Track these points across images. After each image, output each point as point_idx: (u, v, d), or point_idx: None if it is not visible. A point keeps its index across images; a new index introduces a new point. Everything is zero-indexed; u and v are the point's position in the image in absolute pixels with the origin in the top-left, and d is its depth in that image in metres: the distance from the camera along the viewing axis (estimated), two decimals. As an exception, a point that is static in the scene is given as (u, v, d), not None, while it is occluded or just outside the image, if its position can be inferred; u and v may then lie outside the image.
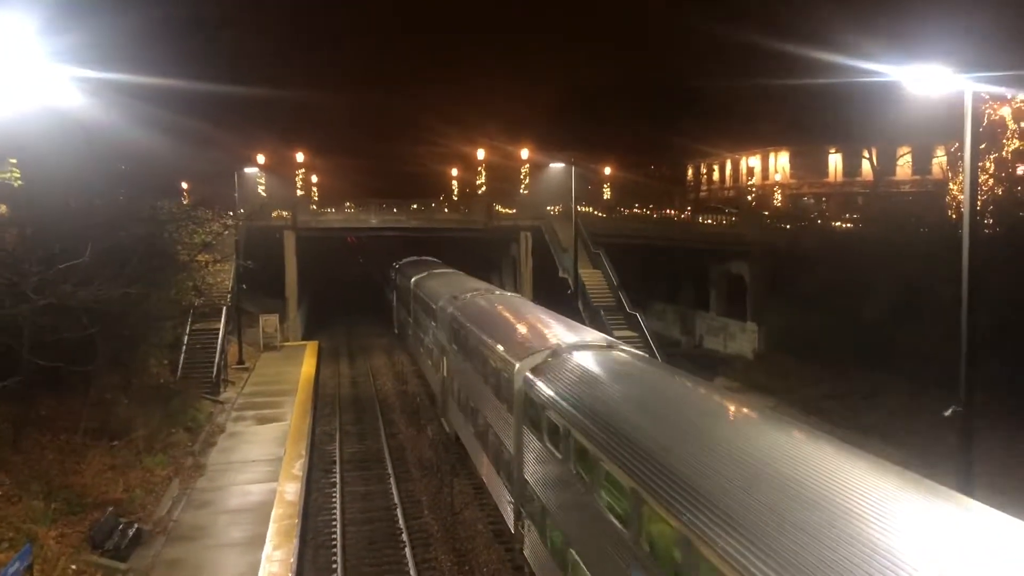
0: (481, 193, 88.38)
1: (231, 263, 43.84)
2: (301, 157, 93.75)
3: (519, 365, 19.42)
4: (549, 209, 59.81)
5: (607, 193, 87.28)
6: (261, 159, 71.61)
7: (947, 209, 44.48)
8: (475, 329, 26.02)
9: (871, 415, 31.18)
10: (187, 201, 42.17)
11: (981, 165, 37.35)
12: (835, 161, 75.79)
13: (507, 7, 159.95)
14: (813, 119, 65.23)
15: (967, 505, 9.59)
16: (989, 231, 36.44)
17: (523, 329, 23.86)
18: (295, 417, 33.42)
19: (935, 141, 60.78)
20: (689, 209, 73.12)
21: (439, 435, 32.27)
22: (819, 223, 57.11)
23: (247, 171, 52.43)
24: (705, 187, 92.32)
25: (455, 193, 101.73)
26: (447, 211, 67.05)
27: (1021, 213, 37.60)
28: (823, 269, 41.02)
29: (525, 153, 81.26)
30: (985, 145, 38.60)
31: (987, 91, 23.64)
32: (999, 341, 28.62)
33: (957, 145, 40.50)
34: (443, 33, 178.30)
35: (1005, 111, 40.80)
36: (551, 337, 21.25)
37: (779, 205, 73.00)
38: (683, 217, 66.94)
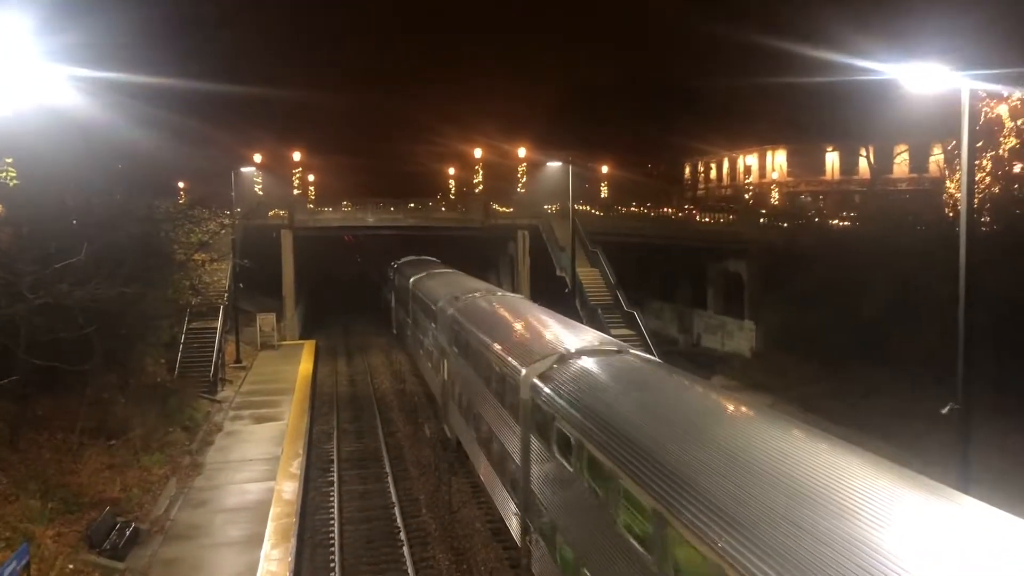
0: (478, 192, 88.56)
1: (228, 262, 43.82)
2: (298, 156, 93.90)
3: (525, 371, 18.69)
4: (546, 208, 59.81)
5: (604, 192, 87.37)
6: (258, 158, 71.81)
7: (944, 207, 44.44)
8: (477, 332, 25.27)
9: (869, 413, 31.16)
10: (184, 200, 42.14)
11: (978, 163, 37.43)
12: (832, 159, 75.90)
13: (504, 7, 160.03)
14: (810, 117, 65.27)
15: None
16: (986, 229, 36.43)
17: (528, 333, 23.15)
18: (292, 416, 33.40)
19: (932, 139, 60.81)
20: (687, 207, 73.16)
21: (437, 434, 32.26)
22: (816, 221, 57.10)
23: (244, 170, 52.43)
24: (702, 185, 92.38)
25: (452, 192, 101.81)
26: (444, 210, 67.05)
27: (1018, 211, 37.57)
28: (820, 267, 41.01)
29: (522, 152, 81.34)
30: (982, 143, 38.56)
31: (984, 89, 23.67)
32: (997, 339, 28.66)
33: (954, 143, 40.56)
34: (440, 33, 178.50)
35: (1002, 109, 40.76)
36: (558, 341, 20.51)
37: (776, 203, 73.01)
38: (680, 215, 66.94)
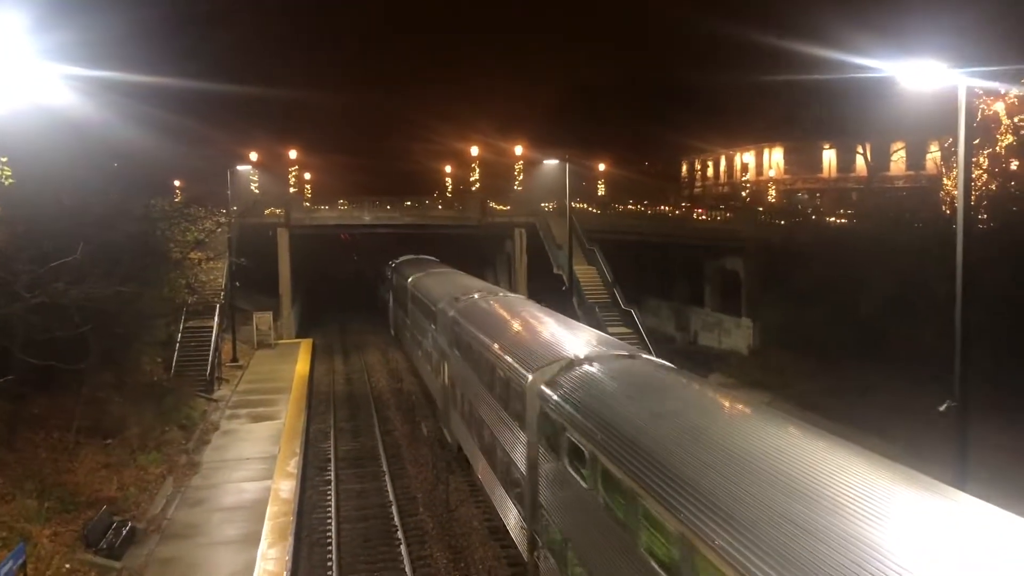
0: (475, 190, 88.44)
1: (224, 261, 43.73)
2: (294, 154, 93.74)
3: (532, 377, 17.86)
4: (544, 206, 59.83)
5: (601, 189, 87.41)
6: (254, 156, 71.63)
7: (941, 204, 44.50)
8: (480, 335, 24.37)
9: (866, 410, 31.18)
10: (180, 199, 42.03)
11: (975, 160, 37.51)
12: (829, 157, 75.96)
13: (500, 6, 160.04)
14: (807, 115, 65.29)
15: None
16: (983, 226, 36.48)
17: (533, 336, 22.17)
18: (289, 415, 33.36)
19: (929, 136, 60.83)
20: (684, 205, 73.19)
21: (434, 433, 32.25)
22: (813, 219, 57.15)
23: (240, 169, 52.31)
24: (699, 183, 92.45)
25: (449, 190, 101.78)
26: (441, 208, 67.08)
27: (1015, 208, 37.62)
28: (817, 265, 41.04)
29: (519, 150, 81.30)
30: (979, 140, 38.63)
31: (981, 86, 23.68)
32: (995, 336, 28.69)
33: (951, 140, 40.55)
34: (436, 33, 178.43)
35: (999, 106, 40.83)
36: (565, 345, 19.59)
37: (773, 201, 73.06)
38: (678, 213, 66.97)
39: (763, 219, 55.79)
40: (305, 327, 62.27)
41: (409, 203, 64.00)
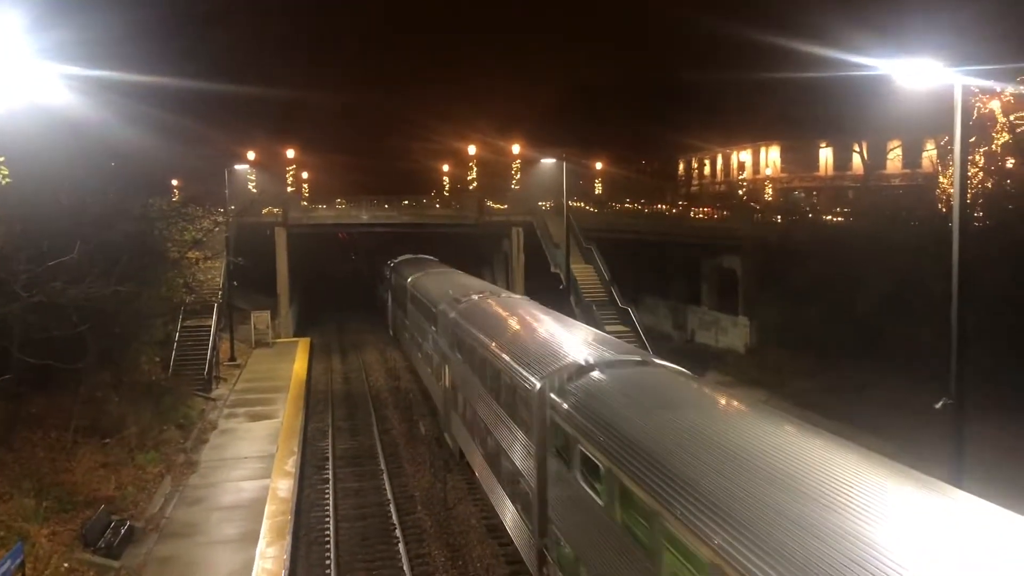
0: (472, 189, 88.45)
1: (222, 260, 43.73)
2: (292, 154, 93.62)
3: (540, 384, 17.08)
4: (541, 204, 59.83)
5: (599, 188, 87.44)
6: (251, 156, 71.56)
7: (937, 202, 44.56)
8: (483, 338, 23.60)
9: (863, 409, 31.25)
10: (178, 198, 42.02)
11: (971, 159, 37.56)
12: (826, 155, 76.08)
13: (499, 6, 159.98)
14: (804, 113, 65.41)
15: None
16: (979, 224, 36.56)
17: (540, 340, 21.32)
18: (287, 414, 33.37)
19: (925, 135, 60.95)
20: (681, 203, 73.26)
21: (432, 431, 32.29)
22: (810, 217, 57.22)
23: (237, 168, 52.31)
24: (696, 182, 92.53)
25: (446, 189, 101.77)
26: (438, 207, 67.10)
27: (1011, 206, 37.68)
28: (814, 263, 41.10)
29: (516, 149, 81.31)
30: (975, 138, 38.72)
31: (977, 85, 23.73)
32: (994, 335, 28.75)
33: (947, 138, 40.66)
34: (434, 32, 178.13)
35: (995, 104, 40.89)
36: (573, 350, 18.83)
37: (770, 199, 73.15)
38: (675, 212, 67.01)
39: (760, 217, 55.87)
40: (303, 326, 62.31)
41: (407, 202, 64.00)
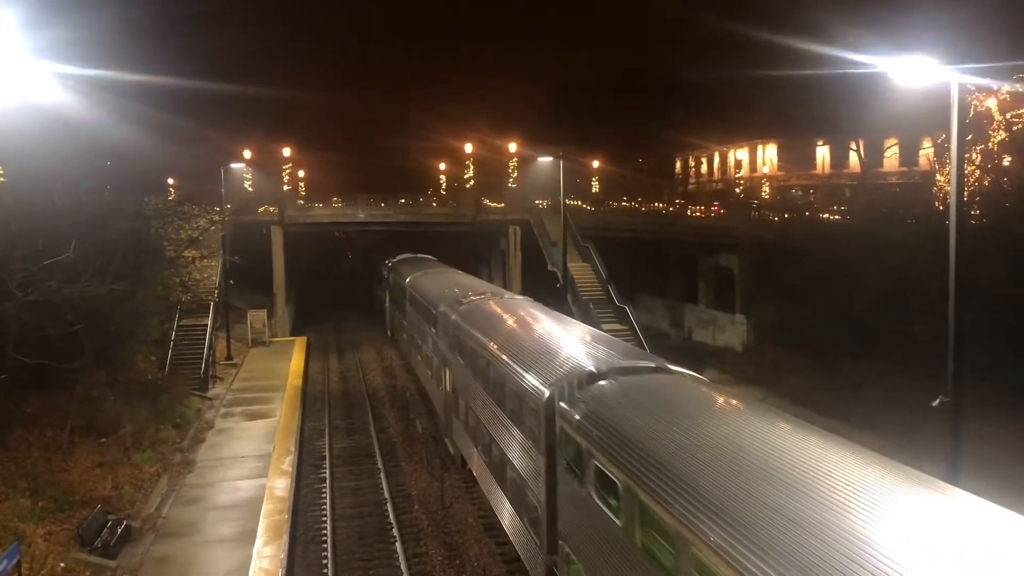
0: (469, 187, 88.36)
1: (218, 259, 43.70)
2: (288, 152, 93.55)
3: (548, 392, 16.28)
4: (538, 203, 59.76)
5: (596, 187, 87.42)
6: (247, 154, 71.50)
7: (934, 200, 44.66)
8: (486, 342, 22.64)
9: (860, 406, 31.28)
10: (173, 197, 41.97)
11: (968, 156, 37.58)
12: (823, 153, 76.15)
13: (494, 6, 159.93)
14: (801, 111, 65.51)
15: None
16: (976, 222, 36.61)
17: (547, 344, 20.44)
18: (284, 413, 33.31)
19: (922, 133, 61.07)
20: (678, 202, 73.26)
21: (429, 429, 32.26)
22: (807, 215, 57.26)
23: (233, 166, 52.26)
24: (693, 180, 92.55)
25: (443, 187, 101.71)
26: (435, 205, 66.95)
27: (1007, 204, 37.74)
28: (811, 261, 41.15)
29: (513, 147, 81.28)
30: (971, 136, 38.77)
31: (973, 82, 23.72)
32: (991, 333, 28.77)
33: (944, 136, 40.70)
34: (431, 32, 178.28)
35: (991, 102, 40.95)
36: (584, 356, 18.07)
37: (767, 197, 73.20)
38: (672, 210, 67.01)
39: (757, 216, 55.90)
40: (300, 325, 62.23)
41: (403, 201, 63.92)
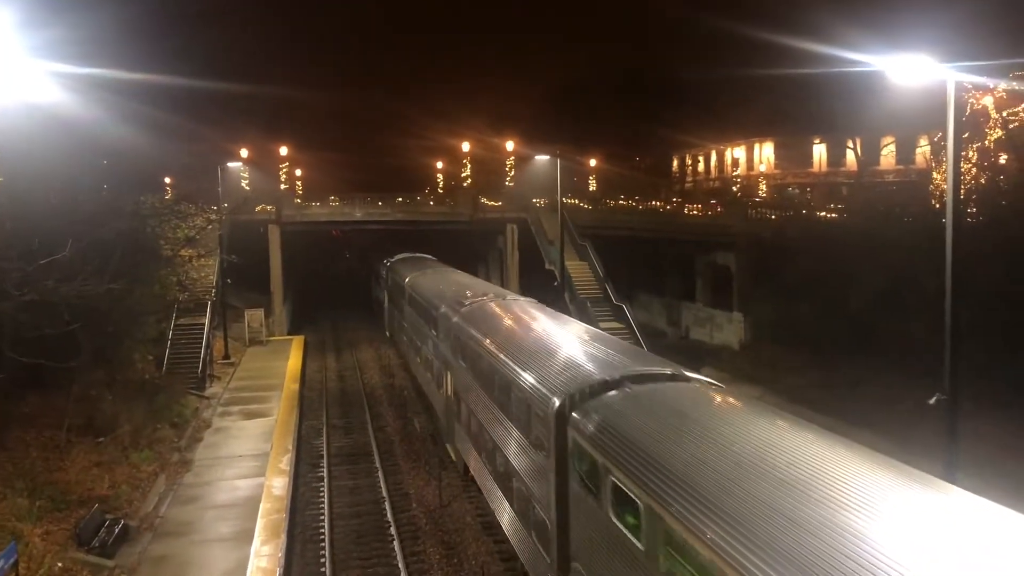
0: (467, 186, 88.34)
1: (215, 258, 43.66)
2: (285, 151, 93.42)
3: (559, 402, 15.36)
4: (535, 201, 59.78)
5: (593, 185, 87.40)
6: (244, 153, 71.42)
7: (931, 198, 44.65)
8: (490, 346, 21.77)
9: (856, 404, 31.32)
10: (170, 196, 41.92)
11: (964, 155, 37.61)
12: (819, 151, 76.16)
13: (491, 5, 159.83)
14: (797, 109, 65.53)
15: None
16: (972, 220, 36.62)
17: (556, 349, 19.62)
18: (282, 412, 33.32)
19: (918, 131, 61.08)
20: (675, 200, 73.29)
21: (427, 428, 32.26)
22: (804, 213, 57.27)
23: (230, 165, 52.18)
24: (690, 178, 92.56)
25: (441, 186, 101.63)
26: (432, 204, 66.99)
27: (1004, 202, 37.78)
28: (808, 259, 41.16)
29: (511, 146, 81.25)
30: (968, 135, 38.76)
31: (970, 81, 23.75)
32: (988, 331, 28.81)
33: (940, 134, 40.67)
34: (429, 31, 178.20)
35: (987, 100, 40.96)
36: (596, 362, 17.28)
37: (764, 196, 73.21)
38: (669, 208, 67.03)
39: (754, 214, 55.90)
40: (297, 324, 62.22)
41: (400, 199, 63.96)
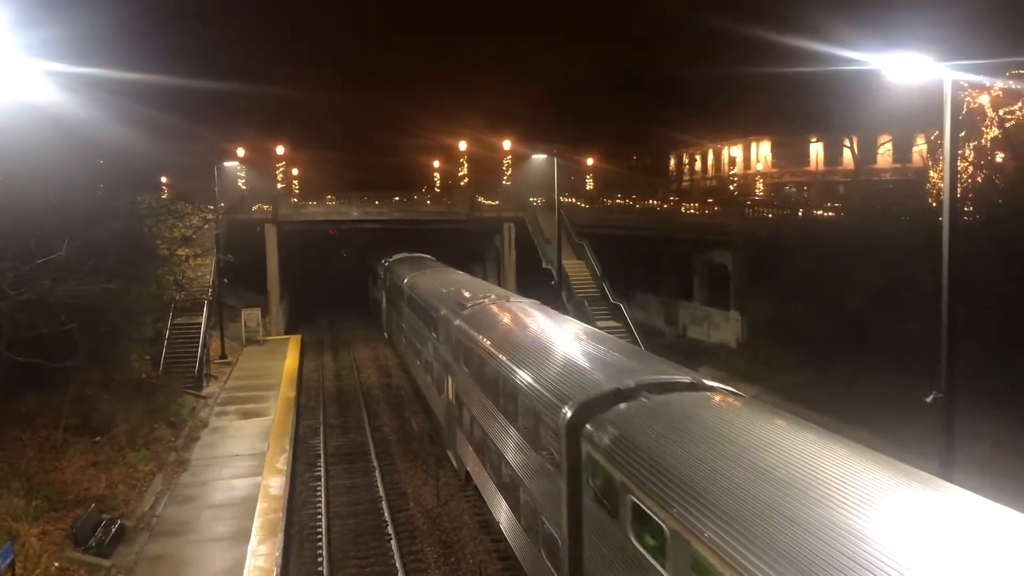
0: (464, 185, 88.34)
1: (212, 257, 43.62)
2: (281, 150, 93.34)
3: (571, 412, 14.45)
4: (532, 200, 59.78)
5: (590, 184, 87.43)
6: (241, 152, 71.35)
7: (928, 197, 44.67)
8: (494, 351, 20.95)
9: (853, 402, 31.33)
10: (167, 195, 41.91)
11: (961, 153, 37.67)
12: (816, 150, 76.23)
13: (489, 5, 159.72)
14: (794, 108, 65.52)
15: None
16: (969, 219, 36.65)
17: (564, 355, 18.77)
18: (279, 411, 33.29)
19: (915, 129, 61.13)
20: (672, 199, 73.32)
21: (424, 427, 32.24)
22: (801, 212, 57.27)
23: (227, 165, 52.13)
24: (687, 177, 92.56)
25: (438, 185, 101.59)
26: (429, 203, 66.98)
27: (1000, 201, 37.81)
28: (805, 258, 41.15)
29: (507, 145, 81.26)
30: (964, 133, 38.81)
31: (966, 79, 23.77)
32: (981, 328, 28.82)
33: (937, 133, 40.69)
34: (426, 31, 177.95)
35: (984, 99, 40.99)
36: (609, 369, 16.46)
37: (761, 194, 73.25)
38: (666, 207, 67.03)
39: (751, 212, 55.92)
40: (294, 324, 62.13)
41: (397, 198, 63.92)
